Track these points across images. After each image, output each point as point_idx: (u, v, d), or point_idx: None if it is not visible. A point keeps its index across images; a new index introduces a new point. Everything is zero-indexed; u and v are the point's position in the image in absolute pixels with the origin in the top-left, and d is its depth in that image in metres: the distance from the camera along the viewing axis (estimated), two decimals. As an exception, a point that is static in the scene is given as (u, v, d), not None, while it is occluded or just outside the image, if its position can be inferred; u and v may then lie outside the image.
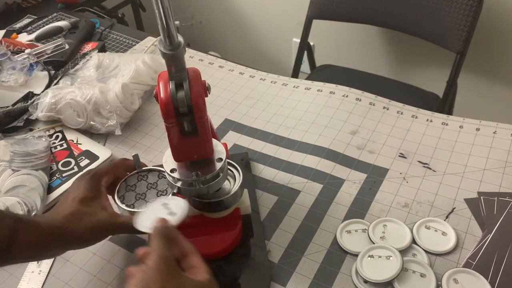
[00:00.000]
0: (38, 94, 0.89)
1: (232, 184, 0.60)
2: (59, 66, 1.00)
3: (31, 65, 0.98)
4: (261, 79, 0.96)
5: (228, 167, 0.61)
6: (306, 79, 1.06)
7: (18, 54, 0.99)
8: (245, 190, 0.62)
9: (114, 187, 0.60)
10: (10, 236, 0.48)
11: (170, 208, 0.53)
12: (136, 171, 0.62)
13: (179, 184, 0.56)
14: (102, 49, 1.06)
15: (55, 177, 0.75)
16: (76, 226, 0.53)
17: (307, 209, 0.68)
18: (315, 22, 1.51)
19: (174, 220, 0.51)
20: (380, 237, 0.63)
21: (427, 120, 0.82)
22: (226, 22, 2.12)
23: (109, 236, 0.64)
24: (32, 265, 0.63)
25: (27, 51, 0.99)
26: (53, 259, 0.64)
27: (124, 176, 0.61)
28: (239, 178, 0.60)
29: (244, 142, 0.81)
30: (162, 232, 0.47)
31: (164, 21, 0.45)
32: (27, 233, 0.49)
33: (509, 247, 0.59)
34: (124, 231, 0.57)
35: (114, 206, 0.58)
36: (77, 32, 1.10)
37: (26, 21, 1.21)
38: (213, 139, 0.56)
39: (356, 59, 1.77)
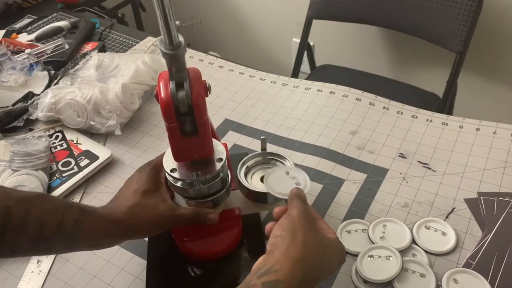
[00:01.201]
0: (38, 94, 0.89)
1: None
2: (59, 66, 1.00)
3: (31, 65, 0.98)
4: (261, 79, 0.96)
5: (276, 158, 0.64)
6: (306, 79, 1.06)
7: (18, 54, 0.99)
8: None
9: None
10: (75, 225, 0.49)
11: (296, 179, 0.56)
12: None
13: (179, 184, 0.56)
14: (102, 49, 1.06)
15: (55, 177, 0.75)
16: (138, 218, 0.54)
17: (307, 209, 0.68)
18: (315, 22, 1.51)
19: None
20: (380, 237, 0.63)
21: (427, 120, 0.82)
22: (226, 22, 2.12)
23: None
24: (32, 265, 0.63)
25: (27, 51, 0.99)
26: (53, 259, 0.64)
27: None
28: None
29: (244, 142, 0.81)
30: (301, 194, 0.52)
31: (164, 21, 0.45)
32: (91, 223, 0.51)
33: (509, 247, 0.59)
34: (182, 222, 0.58)
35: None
36: (77, 32, 1.10)
37: (26, 21, 1.21)
38: (213, 139, 0.56)
39: (356, 59, 1.77)
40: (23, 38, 1.11)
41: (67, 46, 1.02)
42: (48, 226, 0.48)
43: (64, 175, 0.75)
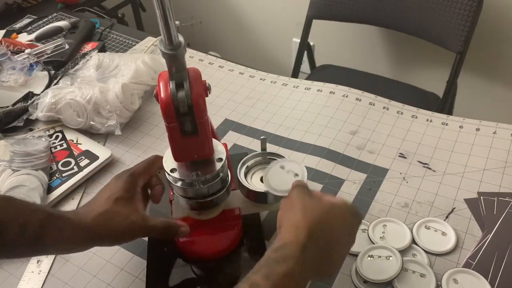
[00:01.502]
0: (38, 94, 0.89)
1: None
2: (59, 66, 1.00)
3: (31, 65, 0.98)
4: (261, 79, 0.96)
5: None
6: (306, 79, 1.06)
7: (18, 54, 0.99)
8: None
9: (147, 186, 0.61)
10: (40, 230, 0.49)
11: (292, 171, 0.58)
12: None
13: (179, 184, 0.56)
14: (102, 49, 1.06)
15: (55, 177, 0.75)
16: (106, 226, 0.53)
17: (307, 209, 0.68)
18: (315, 22, 1.51)
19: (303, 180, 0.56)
20: (380, 237, 0.63)
21: (427, 120, 0.82)
22: (226, 22, 2.12)
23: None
24: (32, 265, 0.63)
25: (27, 51, 0.99)
26: (53, 259, 0.64)
27: (155, 174, 0.61)
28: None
29: (244, 142, 0.81)
30: (301, 182, 0.53)
31: (164, 21, 0.45)
32: (57, 228, 0.50)
33: (509, 247, 0.59)
34: (153, 234, 0.57)
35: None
36: (77, 32, 1.10)
37: (26, 21, 1.21)
38: (213, 139, 0.56)
39: (356, 59, 1.77)
40: (23, 38, 1.11)
41: (67, 46, 1.02)
42: (9, 230, 0.47)
43: (64, 175, 0.75)
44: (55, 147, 0.81)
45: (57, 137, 0.83)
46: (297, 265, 0.43)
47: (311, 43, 1.73)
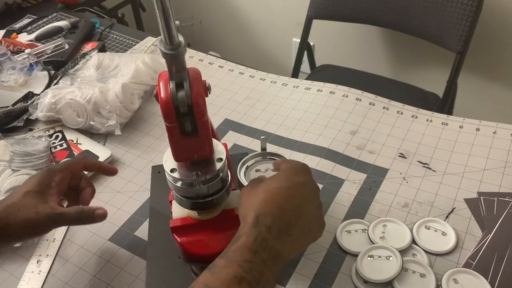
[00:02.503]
0: (38, 94, 0.89)
1: None
2: (59, 66, 1.00)
3: (31, 65, 0.98)
4: (261, 79, 0.96)
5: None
6: (306, 79, 1.06)
7: (18, 54, 0.99)
8: None
9: (75, 183, 0.61)
10: None
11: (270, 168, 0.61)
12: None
13: (179, 184, 0.56)
14: (102, 49, 1.06)
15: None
16: (12, 218, 0.53)
17: (307, 209, 0.68)
18: (315, 22, 1.51)
19: None
20: (380, 237, 0.63)
21: (427, 120, 0.82)
22: (226, 22, 2.12)
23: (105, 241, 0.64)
24: (32, 265, 0.63)
25: (27, 51, 0.99)
26: (53, 259, 0.64)
27: (81, 174, 0.62)
28: None
29: (244, 142, 0.81)
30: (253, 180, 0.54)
31: (164, 21, 0.45)
32: None
33: (509, 247, 0.59)
34: (65, 222, 0.57)
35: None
36: (77, 32, 1.10)
37: (26, 21, 1.21)
38: (213, 139, 0.56)
39: (356, 59, 1.77)
40: (23, 38, 1.11)
41: (67, 46, 1.02)
42: None
43: (64, 175, 0.75)
44: (55, 147, 0.81)
45: (57, 137, 0.83)
46: (250, 237, 0.43)
47: (311, 43, 1.73)
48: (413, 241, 0.62)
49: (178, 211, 0.62)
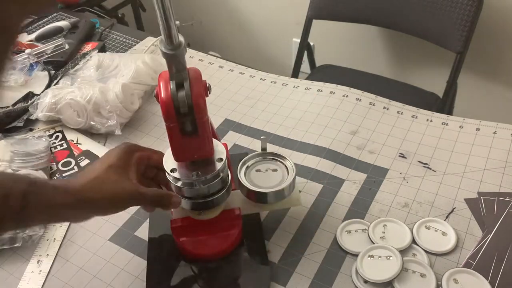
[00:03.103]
0: (38, 94, 0.89)
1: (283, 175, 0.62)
2: (59, 66, 1.00)
3: (31, 65, 0.98)
4: (261, 79, 0.96)
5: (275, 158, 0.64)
6: (306, 79, 1.06)
7: (18, 54, 0.99)
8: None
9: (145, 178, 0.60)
10: (23, 199, 0.48)
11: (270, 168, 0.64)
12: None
13: (179, 184, 0.56)
14: (102, 49, 1.06)
15: (55, 177, 0.75)
16: (96, 190, 0.52)
17: (307, 209, 0.68)
18: (315, 22, 1.51)
19: None
20: (380, 237, 0.63)
21: (427, 120, 0.82)
22: (226, 22, 2.12)
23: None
24: (32, 265, 0.63)
25: (27, 51, 0.99)
26: (53, 259, 0.64)
27: (152, 170, 0.60)
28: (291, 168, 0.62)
29: (244, 142, 0.81)
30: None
31: (165, 21, 0.45)
32: (41, 194, 0.49)
33: (509, 247, 0.59)
34: (144, 202, 0.57)
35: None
36: (77, 32, 1.10)
37: (26, 21, 1.21)
38: (213, 139, 0.56)
39: (356, 59, 1.77)
40: (23, 38, 1.11)
41: (67, 46, 1.02)
42: None
43: (64, 175, 0.75)
44: (55, 147, 0.81)
45: (57, 137, 0.83)
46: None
47: (311, 43, 1.73)
48: (413, 241, 0.62)
49: (178, 211, 0.62)
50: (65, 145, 0.81)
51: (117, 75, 0.89)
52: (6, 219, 0.48)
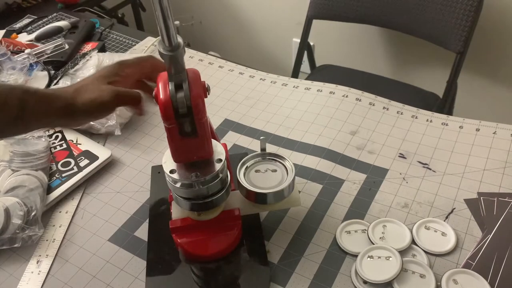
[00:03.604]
0: (38, 94, 0.89)
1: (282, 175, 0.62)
2: (59, 66, 1.00)
3: (31, 65, 0.98)
4: (261, 79, 0.96)
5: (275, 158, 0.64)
6: (306, 79, 1.06)
7: (18, 54, 0.99)
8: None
9: (144, 86, 0.67)
10: (20, 105, 0.53)
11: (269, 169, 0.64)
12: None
13: (178, 185, 0.56)
14: (102, 49, 1.06)
15: (54, 177, 0.75)
16: (81, 96, 0.59)
17: (306, 209, 0.68)
18: (315, 22, 1.51)
19: None
20: (380, 238, 0.63)
21: (427, 120, 0.82)
22: (226, 22, 2.12)
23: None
24: (31, 266, 0.63)
25: (27, 51, 0.99)
26: (53, 259, 0.64)
27: (150, 75, 0.66)
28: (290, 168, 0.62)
29: (244, 142, 0.81)
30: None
31: (163, 22, 0.45)
32: (35, 101, 0.55)
33: (509, 248, 0.59)
34: (121, 100, 0.62)
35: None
36: (77, 32, 1.10)
37: (26, 21, 1.21)
38: (212, 139, 0.56)
39: (356, 59, 1.77)
40: (23, 38, 1.11)
41: (67, 46, 1.02)
42: None
43: (63, 175, 0.75)
44: (55, 147, 0.81)
45: (56, 137, 0.83)
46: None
47: (311, 43, 1.73)
48: (413, 242, 0.62)
49: (178, 212, 0.62)
50: (64, 145, 0.81)
51: (117, 75, 0.89)
52: (5, 123, 0.54)
